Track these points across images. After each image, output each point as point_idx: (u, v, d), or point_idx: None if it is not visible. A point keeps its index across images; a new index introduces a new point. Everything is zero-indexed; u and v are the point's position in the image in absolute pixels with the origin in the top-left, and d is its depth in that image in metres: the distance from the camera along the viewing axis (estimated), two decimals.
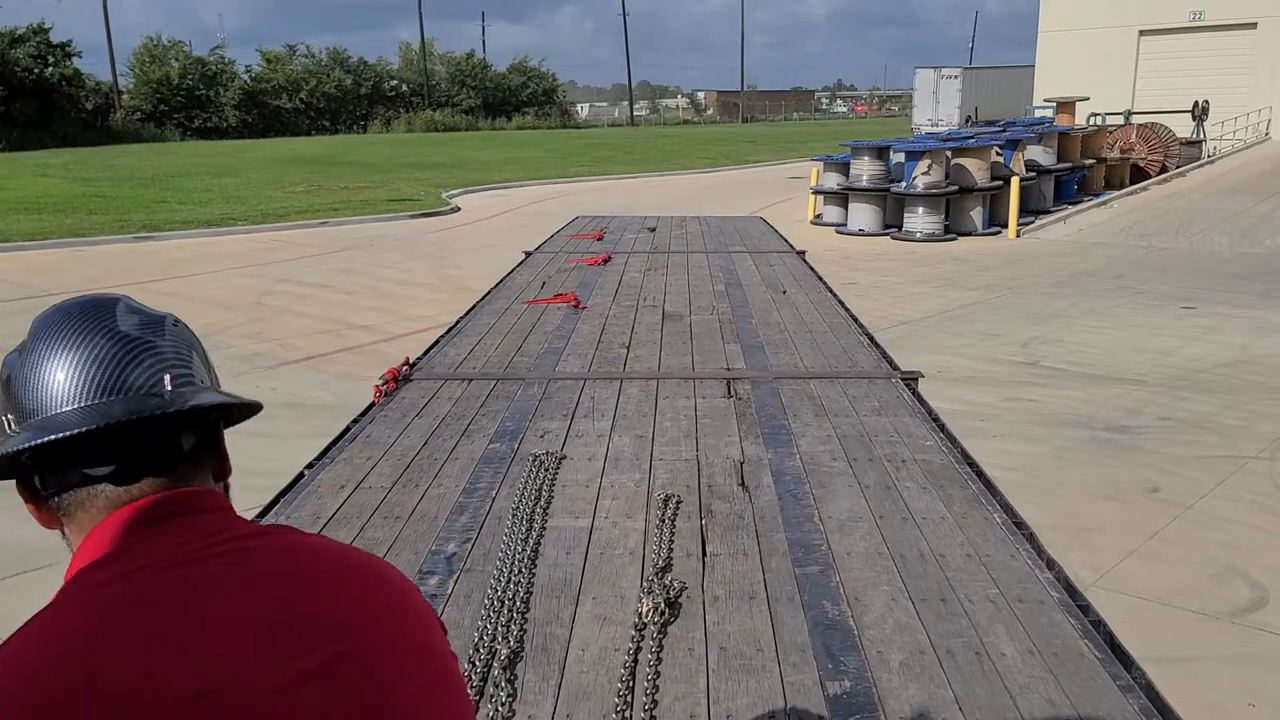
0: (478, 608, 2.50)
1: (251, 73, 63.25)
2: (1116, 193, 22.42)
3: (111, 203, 23.19)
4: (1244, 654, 4.58)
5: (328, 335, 11.07)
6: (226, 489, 1.22)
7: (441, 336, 5.61)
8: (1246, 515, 6.07)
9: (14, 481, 1.14)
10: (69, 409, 1.06)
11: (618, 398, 4.31)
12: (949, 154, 18.68)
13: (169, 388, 1.09)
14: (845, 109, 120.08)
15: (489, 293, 6.91)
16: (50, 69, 50.59)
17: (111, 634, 0.98)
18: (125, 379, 1.08)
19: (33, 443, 1.04)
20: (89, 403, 1.07)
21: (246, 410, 1.21)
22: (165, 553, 1.05)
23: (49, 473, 1.09)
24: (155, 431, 1.09)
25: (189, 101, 58.26)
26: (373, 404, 4.32)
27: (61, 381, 1.07)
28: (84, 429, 1.04)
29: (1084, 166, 22.20)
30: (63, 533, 1.13)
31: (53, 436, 1.04)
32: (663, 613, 2.41)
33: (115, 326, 1.10)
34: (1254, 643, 4.67)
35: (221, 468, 1.20)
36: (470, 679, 2.19)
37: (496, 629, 2.38)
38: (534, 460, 3.43)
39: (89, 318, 1.10)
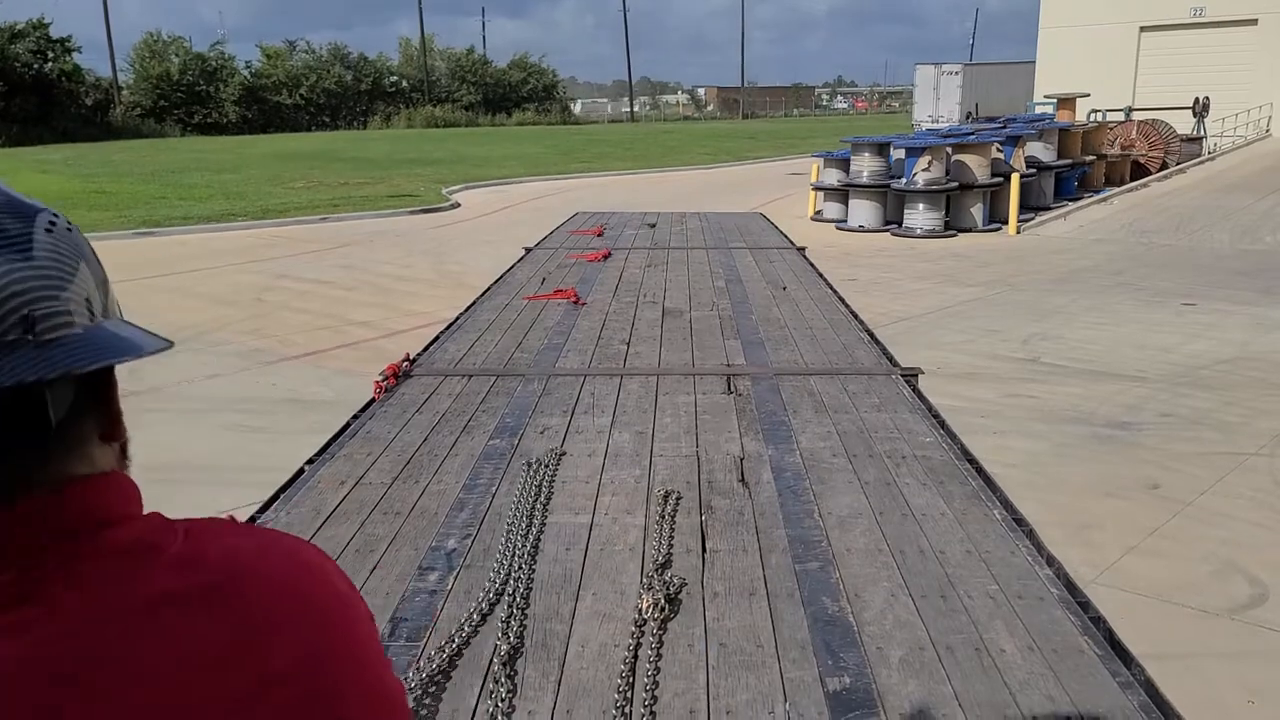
0: (477, 604, 2.50)
1: (251, 69, 63.27)
2: (1117, 189, 22.41)
3: (111, 199, 23.18)
4: (1244, 650, 4.59)
5: (328, 331, 11.07)
6: (124, 451, 0.85)
7: (442, 332, 5.61)
8: (1246, 512, 6.07)
9: None
10: None
11: (618, 394, 4.31)
12: (949, 150, 18.66)
13: (31, 336, 0.72)
14: (846, 105, 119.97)
15: (489, 289, 6.91)
16: (50, 64, 50.57)
17: None
18: None
19: None
20: None
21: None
22: (65, 608, 0.73)
23: None
24: (8, 403, 0.72)
25: (189, 97, 58.25)
26: (373, 400, 4.33)
27: None
28: None
29: (1084, 163, 22.19)
30: None
31: None
32: (662, 609, 2.41)
33: None
34: (1254, 639, 4.67)
35: (112, 428, 0.82)
36: (470, 675, 2.20)
37: (496, 625, 2.38)
38: (529, 468, 3.42)
39: None
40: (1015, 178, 18.73)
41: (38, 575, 0.73)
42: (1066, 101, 24.65)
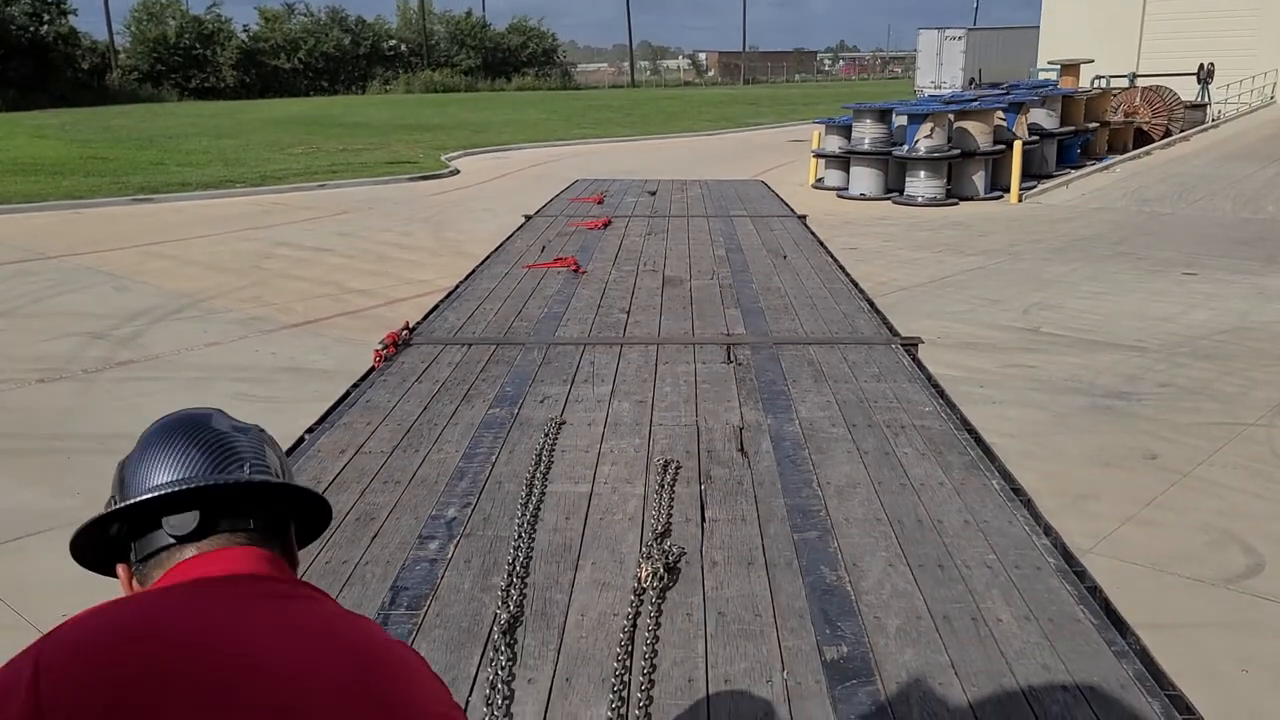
0: (477, 573, 2.52)
1: (249, 32, 62.61)
2: (1120, 157, 22.29)
3: (109, 164, 23.05)
4: (1239, 620, 4.62)
5: (327, 299, 11.05)
6: (291, 568, 1.34)
7: (441, 301, 5.61)
8: (1244, 482, 6.09)
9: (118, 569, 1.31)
10: (163, 481, 1.26)
11: (618, 363, 4.32)
12: (952, 117, 18.53)
13: (246, 473, 1.28)
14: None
15: (488, 257, 6.90)
16: (46, 27, 50.03)
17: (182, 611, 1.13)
18: (209, 465, 1.27)
19: (127, 501, 1.25)
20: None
21: (317, 508, 1.41)
22: (219, 585, 1.19)
23: (140, 539, 1.27)
24: (229, 497, 1.26)
25: (186, 61, 57.65)
26: (372, 369, 4.33)
27: (160, 471, 1.27)
28: (167, 491, 1.24)
29: (1087, 130, 22.05)
30: None
31: (145, 496, 1.24)
32: (661, 578, 2.43)
33: (207, 428, 1.31)
34: (1249, 609, 4.71)
35: (289, 557, 1.35)
36: (471, 643, 2.21)
37: (496, 593, 2.40)
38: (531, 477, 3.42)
39: (187, 427, 1.31)
40: (1018, 145, 18.61)
41: (205, 577, 1.20)
42: (1070, 67, 24.47)
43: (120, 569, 1.30)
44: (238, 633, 1.11)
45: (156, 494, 1.24)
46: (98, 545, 1.30)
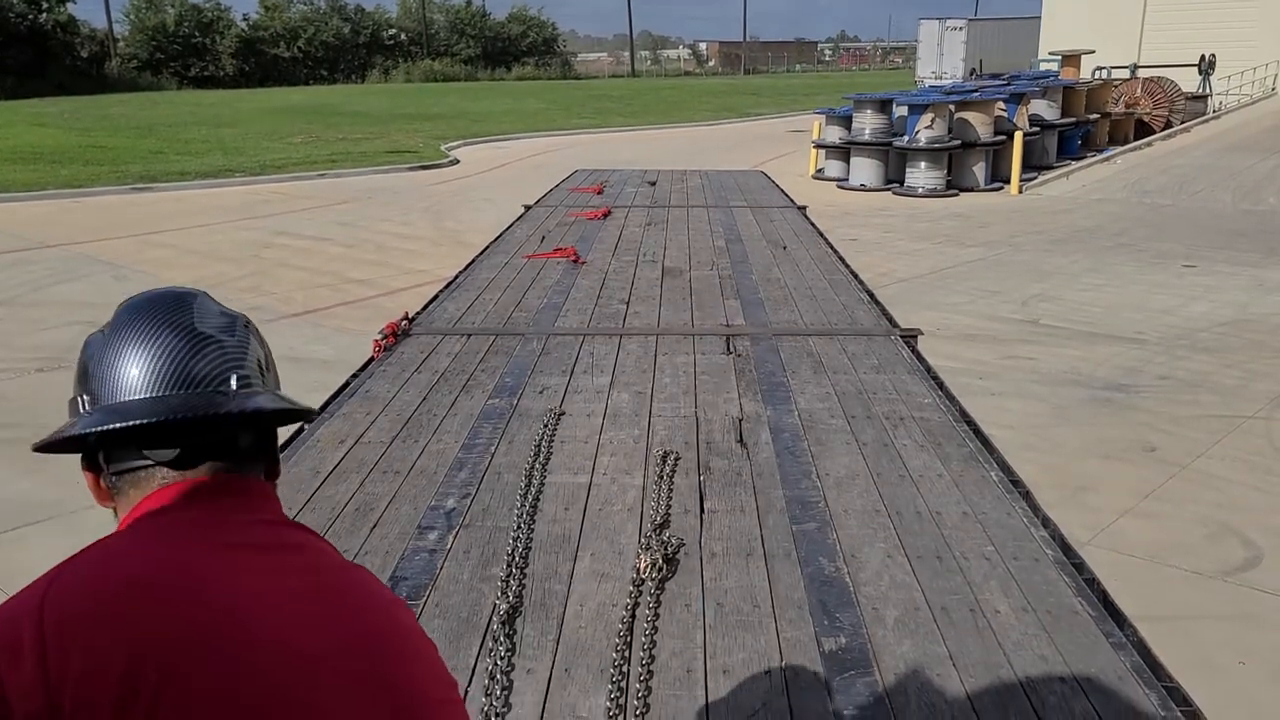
0: (476, 563, 2.52)
1: (249, 20, 62.47)
2: (1120, 148, 22.24)
3: (108, 153, 23.00)
4: (1236, 612, 4.63)
5: (326, 289, 11.04)
6: (273, 489, 1.28)
7: (440, 291, 5.60)
8: (1242, 475, 6.09)
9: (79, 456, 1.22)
10: (139, 398, 1.14)
11: (617, 354, 4.32)
12: (952, 108, 18.48)
13: (234, 387, 1.17)
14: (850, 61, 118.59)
15: (488, 247, 6.89)
16: (44, 15, 49.89)
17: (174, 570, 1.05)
18: (192, 373, 1.15)
19: (102, 427, 1.13)
20: (157, 393, 1.14)
21: (301, 415, 1.30)
22: (212, 532, 1.12)
23: (114, 453, 1.17)
24: (215, 426, 1.16)
25: (185, 50, 57.51)
26: (372, 359, 4.33)
27: (134, 373, 1.15)
28: (149, 420, 1.12)
29: (1088, 121, 22.00)
30: (115, 513, 1.19)
31: (120, 424, 1.12)
32: (660, 569, 2.43)
33: (189, 323, 1.18)
34: (1247, 601, 4.71)
35: (272, 468, 1.27)
36: (470, 633, 2.21)
37: (495, 584, 2.40)
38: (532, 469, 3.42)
39: (166, 312, 1.18)
40: (1018, 136, 18.57)
41: (191, 510, 1.13)
42: (1071, 58, 24.39)
43: (88, 476, 1.21)
44: (239, 592, 1.05)
45: (136, 423, 1.12)
46: (64, 442, 1.19)
